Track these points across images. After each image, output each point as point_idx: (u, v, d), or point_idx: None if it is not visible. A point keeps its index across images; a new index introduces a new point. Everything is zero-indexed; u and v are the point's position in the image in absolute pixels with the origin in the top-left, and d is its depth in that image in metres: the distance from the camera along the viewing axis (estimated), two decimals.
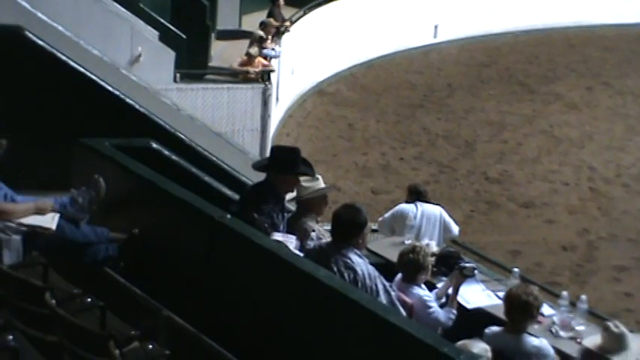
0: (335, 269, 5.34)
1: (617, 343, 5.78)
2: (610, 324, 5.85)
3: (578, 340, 6.12)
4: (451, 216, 8.64)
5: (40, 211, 6.00)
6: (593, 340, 5.92)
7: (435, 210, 8.44)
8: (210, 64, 15.43)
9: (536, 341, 5.74)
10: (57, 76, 8.16)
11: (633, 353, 5.81)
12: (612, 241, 12.57)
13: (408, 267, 6.42)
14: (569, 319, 6.27)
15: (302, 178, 6.51)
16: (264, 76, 14.01)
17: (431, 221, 8.32)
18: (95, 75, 8.37)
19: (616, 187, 14.42)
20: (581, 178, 14.74)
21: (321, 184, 6.71)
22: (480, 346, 5.17)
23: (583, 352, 5.93)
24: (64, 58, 8.24)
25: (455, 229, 8.52)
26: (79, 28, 10.01)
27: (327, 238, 6.19)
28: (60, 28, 9.19)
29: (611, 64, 21.33)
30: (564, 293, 6.51)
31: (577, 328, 6.23)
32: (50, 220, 5.94)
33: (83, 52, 9.08)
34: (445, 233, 8.44)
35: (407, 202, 8.53)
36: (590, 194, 14.15)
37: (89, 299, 5.07)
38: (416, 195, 8.55)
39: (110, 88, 8.40)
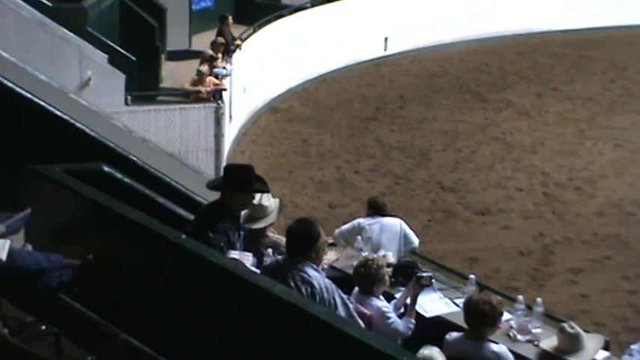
0: (292, 284, 5.33)
1: (572, 343, 5.84)
2: (565, 325, 5.91)
3: (536, 342, 6.18)
4: (411, 227, 8.70)
5: None
6: (549, 341, 5.98)
7: (394, 222, 8.52)
8: (162, 85, 15.42)
9: (496, 347, 5.78)
10: (3, 103, 8.07)
11: (589, 353, 5.88)
12: (567, 244, 12.71)
13: (362, 280, 6.44)
14: (526, 322, 6.34)
15: (256, 197, 6.57)
16: (216, 95, 14.00)
17: (390, 234, 8.38)
18: (43, 101, 8.28)
19: (569, 191, 14.59)
20: (535, 183, 14.88)
21: (272, 201, 6.82)
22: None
23: (540, 354, 5.99)
24: (10, 84, 8.15)
25: (415, 240, 8.60)
26: (24, 53, 9.95)
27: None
28: (5, 54, 9.10)
29: (559, 70, 21.60)
30: (520, 297, 6.58)
31: (534, 331, 6.30)
32: (0, 249, 5.85)
33: (30, 78, 8.99)
34: (406, 245, 8.51)
35: (367, 215, 8.61)
36: (544, 199, 14.30)
37: (43, 327, 5.00)
38: (375, 208, 8.64)
39: (59, 114, 8.31)
